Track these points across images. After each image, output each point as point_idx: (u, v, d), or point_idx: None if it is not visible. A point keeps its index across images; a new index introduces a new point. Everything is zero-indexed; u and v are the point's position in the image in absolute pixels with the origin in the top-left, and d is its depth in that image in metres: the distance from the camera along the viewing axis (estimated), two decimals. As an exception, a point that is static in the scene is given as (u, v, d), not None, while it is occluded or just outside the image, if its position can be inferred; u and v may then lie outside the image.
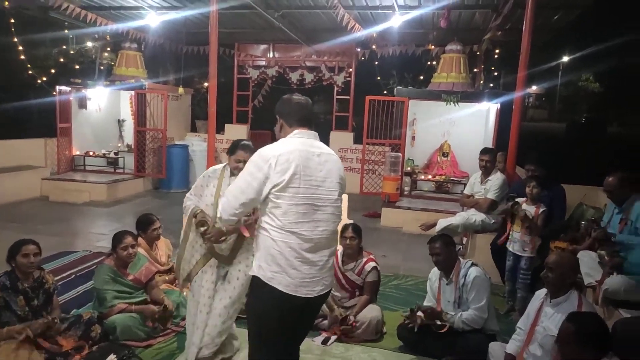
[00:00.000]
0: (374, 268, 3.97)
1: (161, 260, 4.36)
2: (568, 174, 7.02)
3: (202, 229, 2.95)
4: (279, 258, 2.28)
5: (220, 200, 2.48)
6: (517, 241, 4.28)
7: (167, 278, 4.27)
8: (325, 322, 3.83)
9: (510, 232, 4.35)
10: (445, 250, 3.55)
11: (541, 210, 4.21)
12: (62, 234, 6.41)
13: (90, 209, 7.98)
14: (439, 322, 3.43)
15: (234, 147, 3.09)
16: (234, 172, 3.06)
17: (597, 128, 28.99)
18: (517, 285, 4.28)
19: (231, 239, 3.08)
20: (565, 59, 30.99)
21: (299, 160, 2.28)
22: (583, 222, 4.48)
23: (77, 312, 3.75)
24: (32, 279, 3.29)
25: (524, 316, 3.14)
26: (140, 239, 4.11)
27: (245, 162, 2.91)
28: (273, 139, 2.54)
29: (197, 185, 3.21)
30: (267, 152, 2.30)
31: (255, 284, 2.36)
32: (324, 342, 3.69)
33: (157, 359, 3.40)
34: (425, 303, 3.72)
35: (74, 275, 4.83)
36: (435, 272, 3.75)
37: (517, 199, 4.31)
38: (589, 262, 3.78)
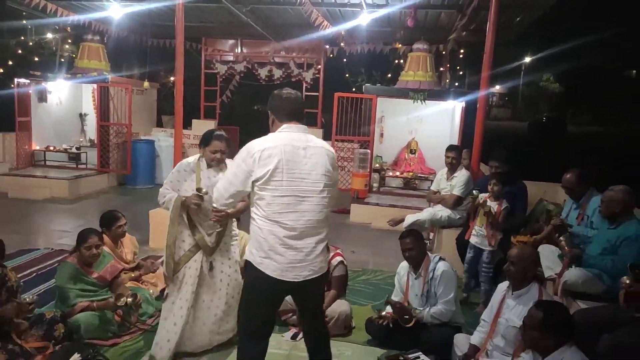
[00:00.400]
0: (341, 262, 3.99)
1: (126, 258, 4.25)
2: (530, 171, 7.24)
3: (204, 194, 3.01)
4: (264, 244, 2.40)
5: (214, 189, 2.59)
6: (478, 235, 4.43)
7: (132, 275, 4.18)
8: (295, 317, 3.84)
9: (473, 227, 4.49)
10: (417, 245, 3.61)
11: (503, 207, 4.36)
12: (22, 231, 6.19)
13: (51, 205, 7.72)
14: (406, 317, 3.50)
15: (208, 138, 3.11)
16: (211, 163, 3.11)
17: (557, 127, 30.07)
18: (480, 279, 4.42)
19: (215, 232, 3.21)
20: (527, 59, 31.92)
21: (282, 154, 2.37)
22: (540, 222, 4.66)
23: (40, 311, 3.62)
24: None
25: (487, 308, 3.24)
26: (104, 237, 4.01)
27: (221, 151, 3.12)
28: (241, 134, 2.61)
29: (173, 180, 3.22)
30: (254, 146, 2.41)
31: (248, 267, 2.50)
32: (294, 337, 3.70)
33: (123, 357, 3.34)
34: (393, 297, 3.78)
35: (35, 274, 4.68)
36: (403, 267, 3.81)
37: (474, 192, 4.44)
38: (549, 256, 3.92)
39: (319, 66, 10.76)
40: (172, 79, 11.32)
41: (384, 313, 3.58)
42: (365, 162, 8.12)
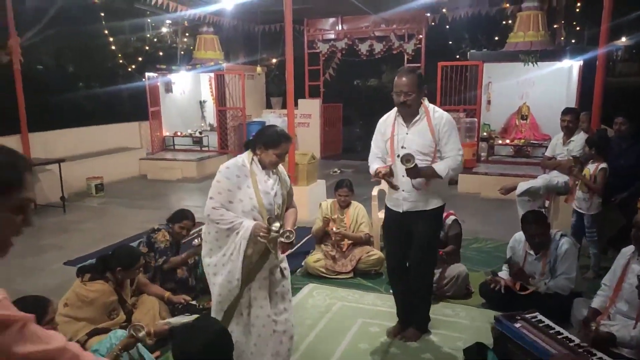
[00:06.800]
0: (454, 221, 4.07)
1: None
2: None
3: (286, 235, 2.54)
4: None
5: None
6: (578, 199, 4.36)
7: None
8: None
9: (575, 191, 4.43)
10: (544, 230, 3.53)
11: (600, 167, 4.20)
12: (164, 207, 7.08)
13: (183, 184, 8.71)
14: (519, 285, 3.50)
15: (276, 139, 2.65)
16: (270, 167, 2.70)
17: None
18: (587, 244, 4.34)
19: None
20: (661, 4, 28.02)
21: None
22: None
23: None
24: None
25: (609, 273, 3.20)
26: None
27: (287, 154, 2.83)
28: (344, 111, 2.71)
29: (224, 189, 2.65)
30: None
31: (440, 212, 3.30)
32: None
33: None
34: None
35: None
36: (519, 240, 3.77)
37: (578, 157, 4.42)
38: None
39: (420, 36, 10.59)
40: (273, 60, 11.85)
41: (499, 275, 3.63)
42: (472, 131, 7.98)
